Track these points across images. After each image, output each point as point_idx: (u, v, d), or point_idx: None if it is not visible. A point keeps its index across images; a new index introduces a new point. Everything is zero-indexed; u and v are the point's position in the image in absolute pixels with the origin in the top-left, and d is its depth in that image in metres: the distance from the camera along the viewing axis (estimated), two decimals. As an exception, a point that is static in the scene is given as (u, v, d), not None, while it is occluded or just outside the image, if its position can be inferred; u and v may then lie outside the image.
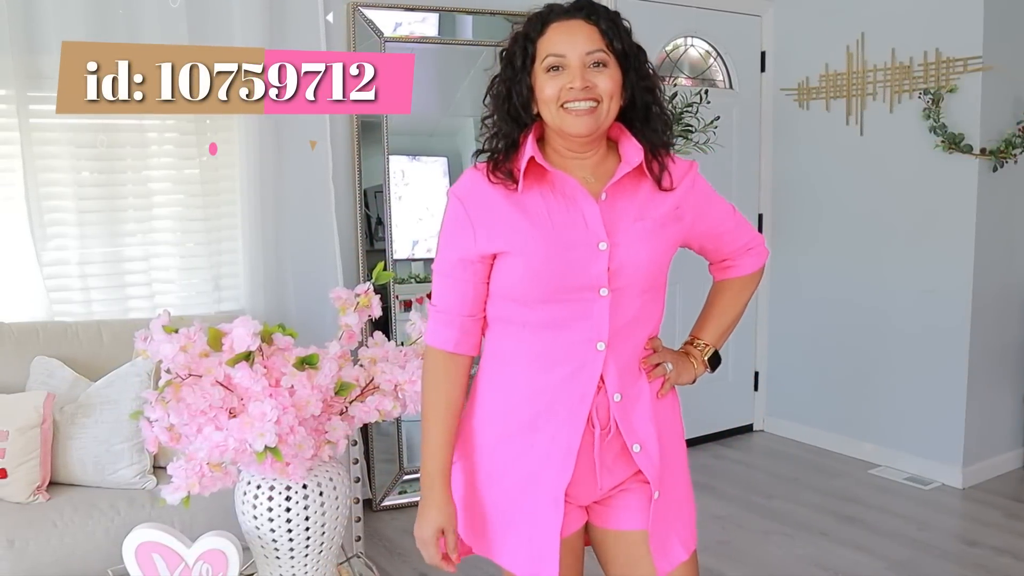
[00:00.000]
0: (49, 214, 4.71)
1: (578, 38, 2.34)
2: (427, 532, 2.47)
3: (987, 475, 6.18)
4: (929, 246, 6.12)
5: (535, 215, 2.37)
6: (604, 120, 2.37)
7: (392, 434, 5.77)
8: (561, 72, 2.34)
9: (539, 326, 2.42)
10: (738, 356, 7.27)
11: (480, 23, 5.85)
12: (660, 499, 2.52)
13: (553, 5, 2.42)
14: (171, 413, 2.66)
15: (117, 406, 4.09)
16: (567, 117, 2.34)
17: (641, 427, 2.48)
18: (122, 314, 4.93)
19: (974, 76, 5.74)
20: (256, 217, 5.15)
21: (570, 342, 2.41)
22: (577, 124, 2.34)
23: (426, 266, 5.94)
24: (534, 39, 2.40)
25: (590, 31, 2.35)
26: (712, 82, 6.97)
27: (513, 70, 2.43)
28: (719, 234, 2.67)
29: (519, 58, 2.41)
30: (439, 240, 2.51)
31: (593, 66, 2.34)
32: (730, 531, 5.42)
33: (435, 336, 2.49)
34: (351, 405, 2.92)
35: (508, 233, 2.37)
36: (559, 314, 2.39)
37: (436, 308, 2.50)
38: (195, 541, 2.82)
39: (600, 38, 2.35)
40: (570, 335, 2.40)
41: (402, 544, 5.20)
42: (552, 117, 2.37)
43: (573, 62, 2.32)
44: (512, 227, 2.37)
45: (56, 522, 3.83)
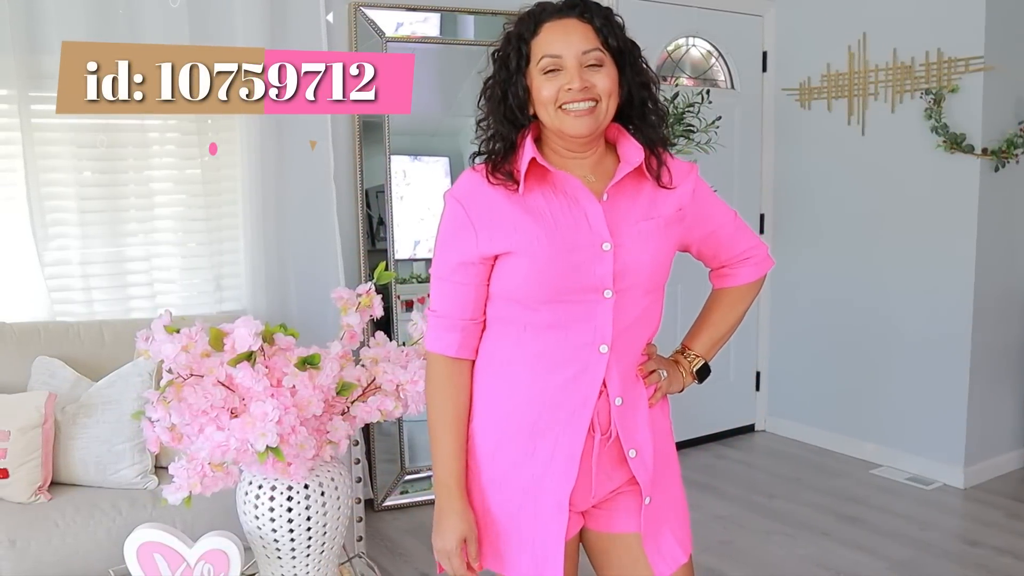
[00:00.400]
0: (51, 214, 4.71)
1: (573, 37, 2.31)
2: (451, 543, 2.40)
3: (989, 475, 6.18)
4: (931, 246, 6.12)
5: (539, 215, 2.34)
6: (603, 119, 2.35)
7: (394, 434, 5.77)
8: (558, 73, 2.31)
9: (541, 327, 2.38)
10: (739, 356, 7.28)
11: (482, 23, 5.85)
12: (654, 503, 2.51)
13: (545, 4, 2.39)
14: (173, 413, 2.66)
15: (119, 406, 4.09)
16: (566, 118, 2.31)
17: (639, 432, 2.47)
18: (124, 314, 4.93)
19: (976, 76, 5.74)
20: (258, 217, 5.15)
21: (572, 344, 2.37)
22: (577, 125, 2.31)
23: (428, 266, 5.94)
24: (528, 39, 2.36)
25: (585, 30, 2.32)
26: (714, 82, 6.97)
27: (507, 71, 2.39)
28: (717, 239, 2.66)
29: (513, 59, 2.38)
30: (436, 244, 2.47)
31: (590, 65, 2.31)
32: (731, 531, 5.42)
33: (437, 342, 2.45)
34: (352, 405, 2.92)
35: (511, 233, 2.33)
36: (562, 316, 2.36)
37: (436, 313, 2.46)
38: (197, 541, 2.82)
39: (595, 36, 2.32)
40: (573, 337, 2.37)
41: (403, 544, 5.20)
42: (551, 118, 2.34)
43: (570, 62, 2.30)
44: (516, 227, 2.33)
45: (58, 522, 3.83)
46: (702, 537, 5.23)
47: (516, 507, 2.44)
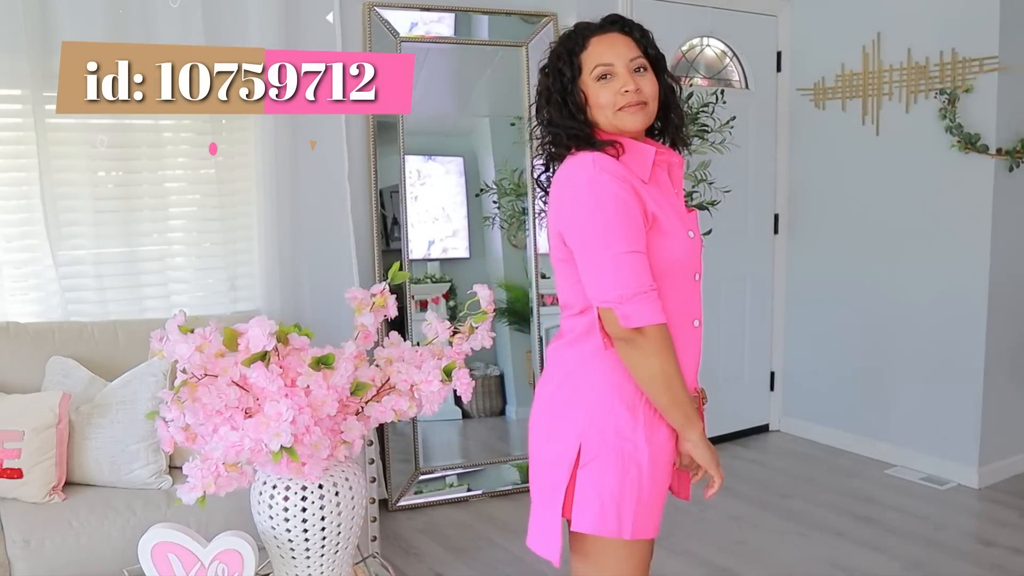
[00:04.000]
0: (65, 214, 4.72)
1: (620, 47, 2.66)
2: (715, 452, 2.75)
3: (1003, 475, 6.17)
4: (945, 246, 6.11)
5: (661, 201, 2.64)
6: (651, 117, 2.70)
7: (408, 434, 5.77)
8: (611, 79, 2.64)
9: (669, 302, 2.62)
10: (754, 356, 7.29)
11: (496, 23, 5.85)
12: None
13: (585, 23, 2.73)
14: (187, 413, 2.66)
15: (133, 406, 4.10)
16: (624, 116, 2.64)
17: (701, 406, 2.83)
18: (138, 314, 4.93)
19: (990, 76, 5.73)
20: (272, 217, 5.15)
21: (683, 319, 2.70)
22: (635, 120, 2.65)
23: (442, 266, 5.96)
24: (578, 53, 2.68)
25: (627, 41, 2.68)
26: (728, 82, 6.96)
27: (563, 81, 2.69)
28: None
29: (567, 71, 2.68)
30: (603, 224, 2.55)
31: (636, 71, 2.65)
32: (746, 531, 5.41)
33: (655, 315, 2.53)
34: (367, 405, 2.92)
35: (656, 207, 2.60)
36: (678, 292, 2.66)
37: (638, 288, 2.53)
38: (211, 541, 2.82)
39: (636, 46, 2.68)
40: (683, 312, 2.69)
41: (418, 544, 5.20)
42: (608, 119, 2.66)
43: (620, 69, 2.64)
44: (656, 203, 2.61)
45: (72, 522, 3.83)
46: (717, 537, 5.24)
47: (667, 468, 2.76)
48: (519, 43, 5.89)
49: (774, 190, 7.23)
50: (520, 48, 5.90)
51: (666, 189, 2.70)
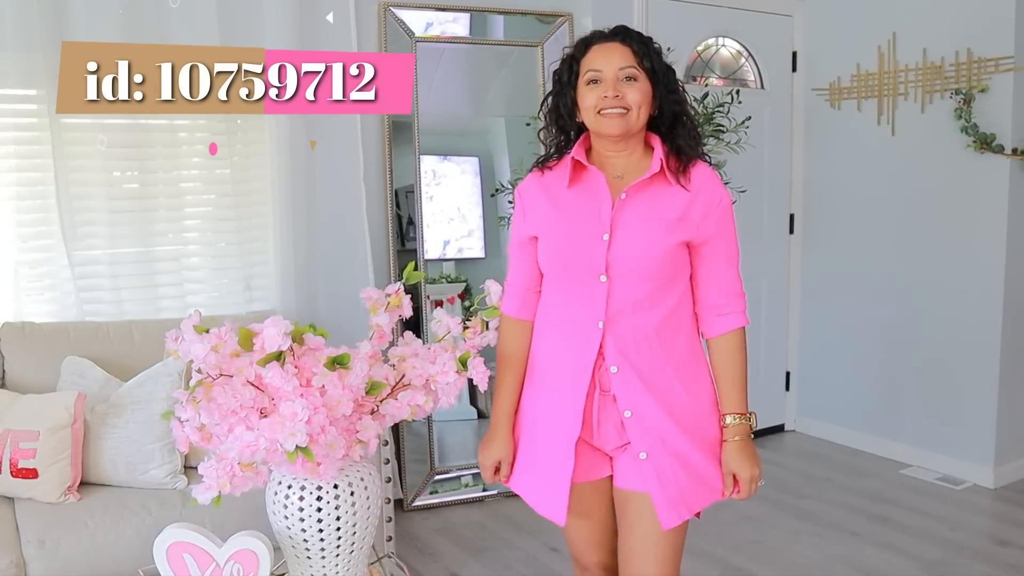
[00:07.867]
0: (80, 214, 4.74)
1: (613, 56, 2.80)
2: (488, 461, 3.07)
3: (1019, 475, 6.15)
4: (960, 246, 6.10)
5: (563, 208, 2.89)
6: (633, 124, 2.81)
7: (424, 434, 5.77)
8: (598, 85, 2.80)
9: (561, 301, 2.93)
10: (770, 356, 7.27)
11: (511, 23, 5.85)
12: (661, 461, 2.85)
13: (597, 31, 2.90)
14: (202, 413, 2.66)
15: (148, 406, 4.10)
16: (603, 120, 2.80)
17: (639, 399, 2.85)
18: (153, 314, 4.94)
19: (1006, 76, 5.71)
20: (287, 217, 5.16)
21: (580, 318, 2.86)
22: (611, 125, 2.79)
23: (457, 266, 5.96)
24: (578, 58, 2.87)
25: (624, 51, 2.81)
26: (743, 82, 6.95)
27: (560, 85, 2.92)
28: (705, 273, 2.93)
29: (565, 75, 2.90)
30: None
31: (625, 80, 2.79)
32: (762, 531, 5.40)
33: (503, 305, 3.05)
34: (382, 404, 2.92)
35: (542, 221, 2.92)
36: (572, 292, 2.88)
37: (507, 282, 3.05)
38: (226, 541, 2.82)
39: (632, 56, 2.80)
40: (580, 312, 2.86)
41: (433, 544, 5.20)
42: (591, 122, 2.84)
43: (608, 76, 2.79)
44: (545, 216, 2.91)
45: (87, 522, 3.84)
46: (732, 537, 5.23)
47: (530, 439, 3.02)
48: (534, 43, 5.89)
49: (789, 190, 7.22)
50: (535, 48, 5.90)
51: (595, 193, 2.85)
